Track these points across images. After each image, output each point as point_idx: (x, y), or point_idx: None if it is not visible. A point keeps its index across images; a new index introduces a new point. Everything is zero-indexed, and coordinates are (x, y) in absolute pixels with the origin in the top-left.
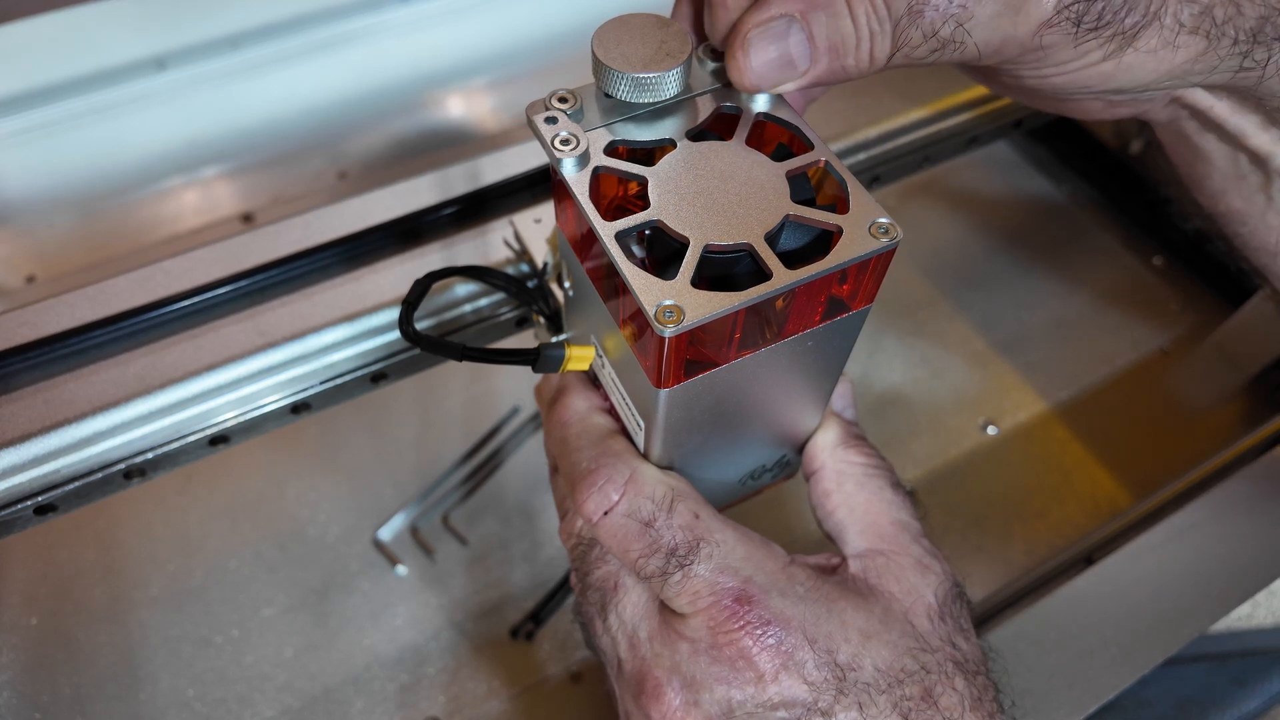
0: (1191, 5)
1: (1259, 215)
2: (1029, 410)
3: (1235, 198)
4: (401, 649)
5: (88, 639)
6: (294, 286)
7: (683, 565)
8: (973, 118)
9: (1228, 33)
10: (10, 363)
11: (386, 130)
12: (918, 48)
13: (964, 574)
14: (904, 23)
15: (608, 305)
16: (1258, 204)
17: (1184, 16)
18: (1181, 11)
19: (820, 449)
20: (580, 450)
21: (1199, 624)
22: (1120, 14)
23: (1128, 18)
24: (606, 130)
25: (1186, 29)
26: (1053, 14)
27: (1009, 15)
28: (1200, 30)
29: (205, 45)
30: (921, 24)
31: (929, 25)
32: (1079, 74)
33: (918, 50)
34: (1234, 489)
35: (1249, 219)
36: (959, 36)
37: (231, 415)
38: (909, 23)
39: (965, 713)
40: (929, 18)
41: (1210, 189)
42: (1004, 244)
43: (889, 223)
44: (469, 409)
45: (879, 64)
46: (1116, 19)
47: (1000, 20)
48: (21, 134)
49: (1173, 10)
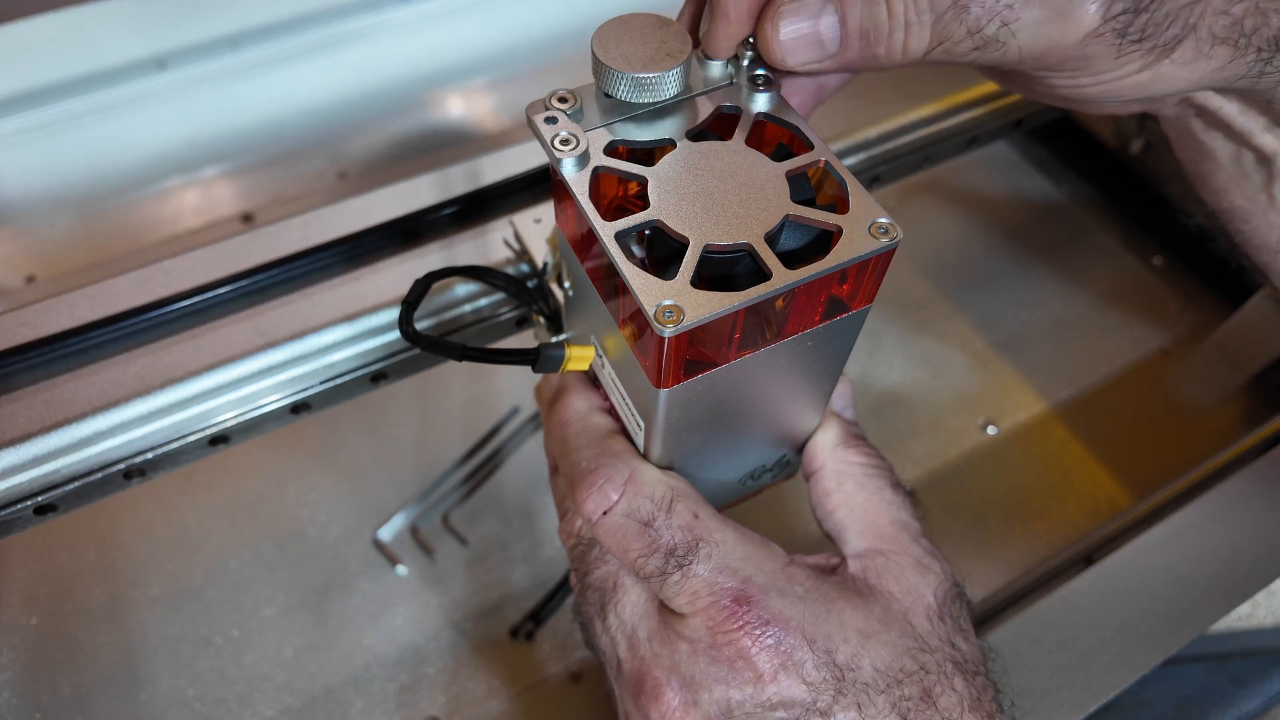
0: (1224, 16)
1: (1261, 214)
2: (1029, 410)
3: (1238, 195)
4: (401, 649)
5: (88, 639)
6: (294, 286)
7: (682, 565)
8: (973, 118)
9: (1254, 42)
10: (10, 363)
11: (386, 130)
12: (960, 43)
13: (964, 574)
14: (948, 16)
15: (608, 305)
16: (1260, 202)
17: (1217, 28)
18: (1215, 23)
19: (820, 449)
20: (580, 450)
21: (1199, 624)
22: (1163, 27)
23: (1169, 30)
24: (606, 130)
25: (1219, 39)
26: (1099, 24)
27: (1056, 22)
28: (1229, 40)
29: (205, 45)
30: (966, 19)
31: (974, 21)
32: (1114, 84)
33: (959, 46)
34: (1234, 489)
35: (1251, 217)
36: (1003, 37)
37: (231, 415)
38: (953, 16)
39: (964, 713)
40: (974, 13)
41: (1214, 186)
42: (1004, 244)
43: (889, 223)
44: (469, 409)
45: (914, 56)
46: (1159, 31)
47: (1047, 26)
48: (21, 134)
49: (1208, 23)
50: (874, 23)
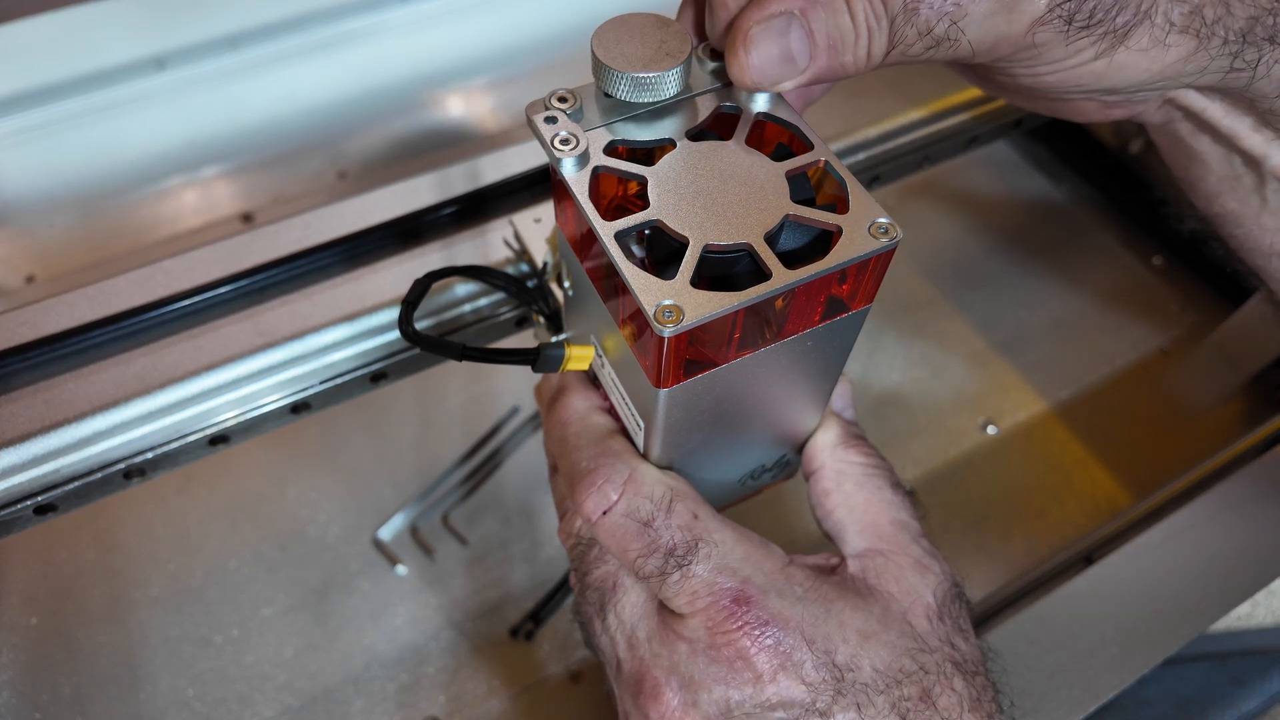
0: (1181, 5)
1: (1253, 217)
2: (1029, 410)
3: (1230, 200)
4: (401, 649)
5: (88, 639)
6: (294, 286)
7: (681, 565)
8: (972, 118)
9: (1218, 32)
10: (10, 363)
11: (386, 130)
12: (912, 45)
13: (964, 574)
14: (899, 20)
15: (607, 305)
16: (1252, 206)
17: (1174, 16)
18: (1172, 11)
19: (820, 449)
20: (579, 450)
21: (1199, 624)
22: (1111, 12)
23: (1119, 16)
24: (606, 130)
25: (1177, 28)
26: (1045, 11)
27: (1002, 13)
28: (1190, 29)
29: (205, 45)
30: (917, 21)
31: (924, 23)
32: (1071, 72)
33: (913, 48)
34: (1234, 489)
35: (1244, 221)
36: (953, 34)
37: (231, 415)
38: (904, 20)
39: (964, 713)
40: (924, 15)
41: (1205, 191)
42: (1004, 244)
43: (889, 223)
44: (469, 409)
45: (875, 61)
46: (1108, 17)
47: (994, 19)
48: (21, 134)
49: (1163, 9)
50: (840, 32)
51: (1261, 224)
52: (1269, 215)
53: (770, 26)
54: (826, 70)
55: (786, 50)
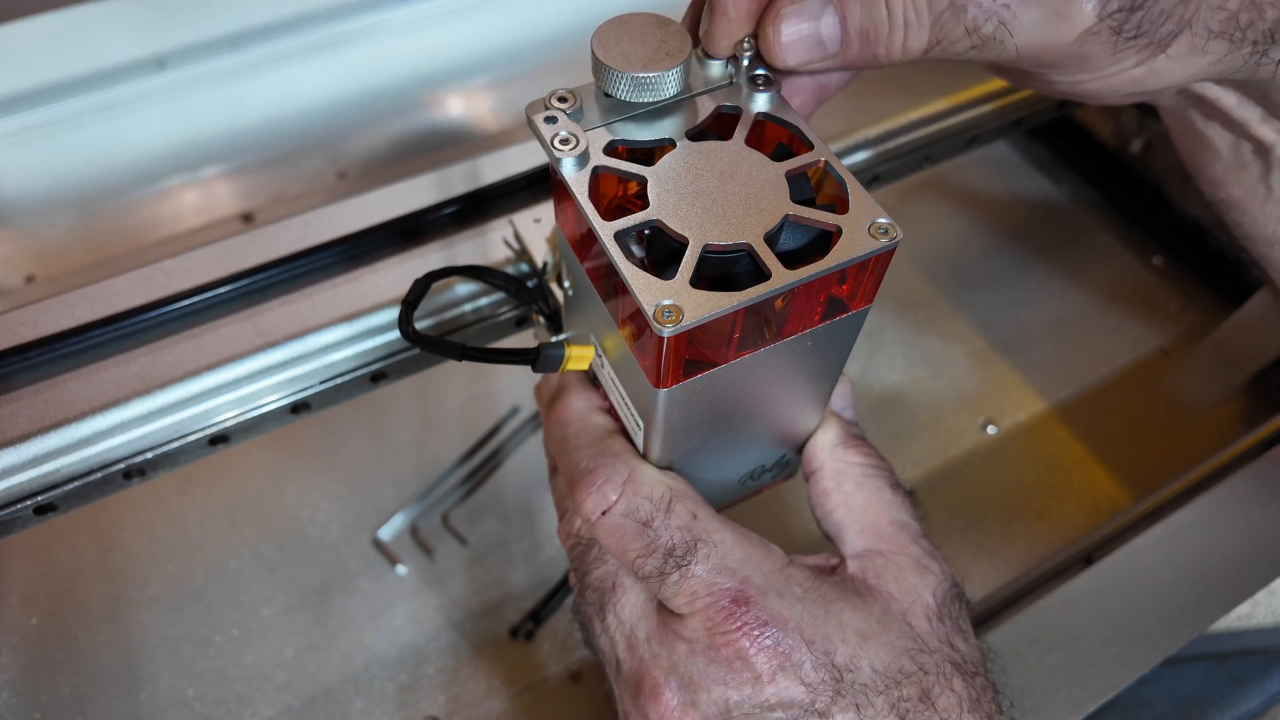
0: (1219, 11)
1: (1258, 205)
2: (1029, 410)
3: (1236, 186)
4: (401, 649)
5: (88, 639)
6: (294, 286)
7: (680, 565)
8: (973, 117)
9: (1249, 35)
10: (10, 363)
11: (386, 130)
12: (957, 43)
13: (964, 574)
14: (946, 16)
15: (607, 305)
16: (1258, 193)
17: (1213, 23)
18: (1211, 19)
19: (819, 449)
20: (579, 450)
21: (1199, 624)
22: (1158, 23)
23: (1164, 26)
24: (606, 130)
25: (1214, 34)
26: (1095, 22)
27: (1053, 21)
28: (1225, 35)
29: (205, 45)
30: (964, 19)
31: (972, 21)
32: (1111, 80)
33: (957, 45)
34: (1234, 489)
35: (1249, 208)
36: (1000, 36)
37: (231, 415)
38: (951, 17)
39: (963, 714)
40: (972, 14)
41: (1212, 176)
42: (1004, 244)
43: (888, 223)
44: (469, 409)
45: (912, 55)
46: (1154, 28)
47: (1044, 26)
48: (21, 134)
49: (1203, 18)
50: (874, 23)
51: (1265, 212)
52: (1273, 203)
53: (804, 8)
54: (858, 58)
55: (817, 33)
